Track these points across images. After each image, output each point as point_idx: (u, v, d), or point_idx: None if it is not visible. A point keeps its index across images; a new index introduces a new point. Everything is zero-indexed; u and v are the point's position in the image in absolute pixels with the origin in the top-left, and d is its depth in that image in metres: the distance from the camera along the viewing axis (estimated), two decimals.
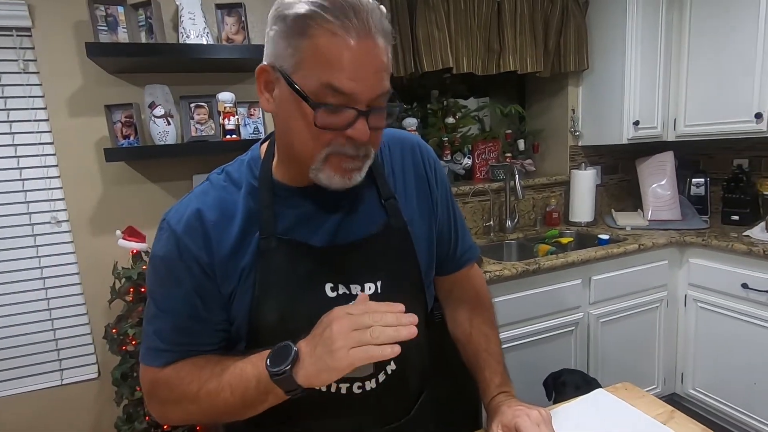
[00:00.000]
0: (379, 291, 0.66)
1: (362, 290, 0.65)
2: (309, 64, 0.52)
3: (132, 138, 1.49)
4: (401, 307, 0.54)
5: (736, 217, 2.05)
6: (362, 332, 0.51)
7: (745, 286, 1.72)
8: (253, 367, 0.56)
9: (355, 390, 0.66)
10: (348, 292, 0.65)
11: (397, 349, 0.50)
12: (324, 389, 0.64)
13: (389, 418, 0.71)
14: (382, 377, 0.68)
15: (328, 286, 0.64)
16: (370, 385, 0.67)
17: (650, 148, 2.25)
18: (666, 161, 2.21)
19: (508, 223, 2.20)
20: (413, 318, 0.53)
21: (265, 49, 0.57)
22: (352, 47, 0.51)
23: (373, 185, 0.68)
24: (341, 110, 0.53)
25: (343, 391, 0.66)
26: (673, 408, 0.75)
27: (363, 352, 0.50)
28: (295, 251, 0.63)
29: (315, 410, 0.66)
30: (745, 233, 1.86)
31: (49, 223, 1.51)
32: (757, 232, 1.83)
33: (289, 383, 0.53)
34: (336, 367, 0.51)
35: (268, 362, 0.54)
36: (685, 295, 1.96)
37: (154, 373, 0.62)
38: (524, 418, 0.64)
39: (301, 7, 0.51)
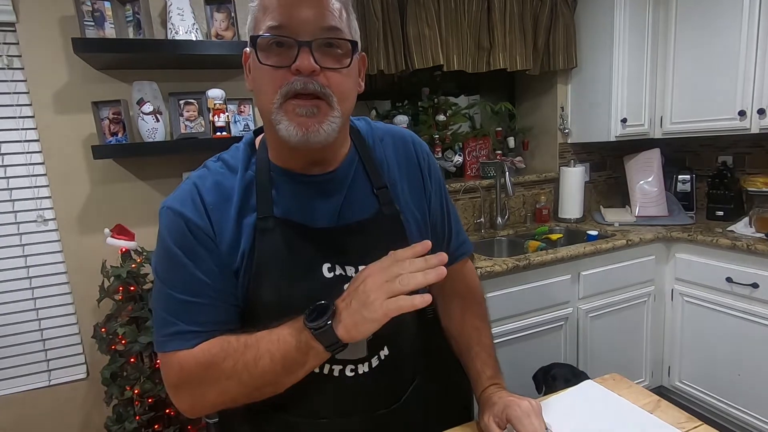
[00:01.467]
0: None
1: (356, 273, 0.66)
2: (258, 19, 0.58)
3: (120, 135, 1.48)
4: (428, 244, 0.56)
5: (720, 213, 2.10)
6: (392, 282, 0.53)
7: (729, 280, 1.76)
8: (290, 329, 0.57)
9: (348, 373, 0.67)
10: (344, 274, 0.66)
11: (428, 298, 0.52)
12: (317, 370, 0.65)
13: (379, 403, 0.72)
14: (375, 362, 0.69)
15: (325, 267, 0.65)
16: (362, 368, 0.68)
17: (637, 145, 2.29)
18: (653, 158, 2.25)
19: (499, 219, 2.21)
20: (441, 257, 0.55)
21: None
22: None
23: (366, 175, 0.70)
24: (284, 47, 0.56)
25: (336, 373, 0.66)
26: (659, 398, 0.76)
27: (394, 302, 0.52)
28: (292, 231, 0.64)
29: (305, 392, 0.66)
30: (729, 228, 1.90)
31: (35, 221, 1.49)
32: (740, 227, 1.87)
33: (330, 337, 0.55)
34: (372, 318, 0.53)
35: (306, 321, 0.56)
36: (672, 290, 1.99)
37: (183, 357, 0.60)
38: (515, 409, 0.65)
39: None
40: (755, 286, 1.68)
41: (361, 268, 0.66)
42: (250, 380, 0.58)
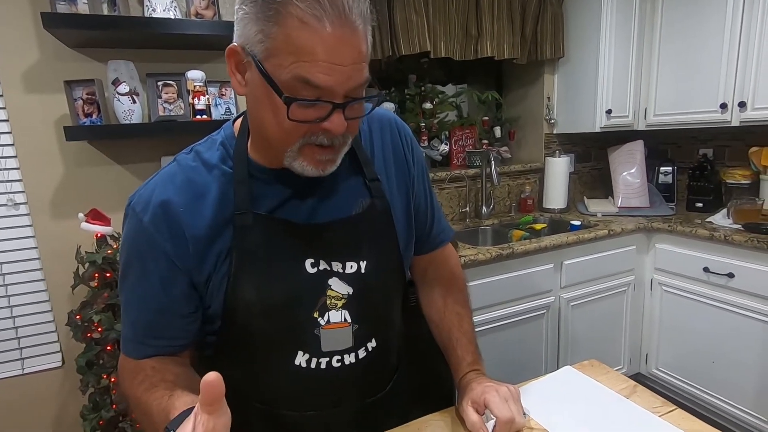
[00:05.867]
0: (363, 271, 0.66)
1: (343, 268, 0.65)
2: (281, 54, 0.49)
3: (95, 116, 1.42)
4: None
5: (700, 204, 2.14)
6: None
7: (706, 269, 1.80)
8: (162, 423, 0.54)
9: (335, 364, 0.66)
10: (329, 268, 0.64)
11: None
12: (303, 364, 0.64)
13: (367, 392, 0.72)
14: (362, 353, 0.68)
15: (308, 262, 0.63)
16: (349, 359, 0.67)
17: (621, 136, 2.30)
18: (636, 150, 2.27)
19: (484, 209, 2.22)
20: None
21: (234, 28, 0.54)
22: (325, 37, 0.48)
23: (357, 165, 0.67)
24: (316, 103, 0.51)
25: (323, 365, 0.65)
26: (636, 383, 0.77)
27: None
28: (273, 227, 0.61)
29: (295, 385, 0.66)
30: (707, 219, 1.93)
31: (5, 205, 1.43)
32: (718, 219, 1.90)
33: None
34: None
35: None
36: (651, 279, 2.03)
37: (125, 365, 0.63)
38: (493, 394, 0.65)
39: None
40: (731, 275, 1.72)
41: (349, 264, 0.65)
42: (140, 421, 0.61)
